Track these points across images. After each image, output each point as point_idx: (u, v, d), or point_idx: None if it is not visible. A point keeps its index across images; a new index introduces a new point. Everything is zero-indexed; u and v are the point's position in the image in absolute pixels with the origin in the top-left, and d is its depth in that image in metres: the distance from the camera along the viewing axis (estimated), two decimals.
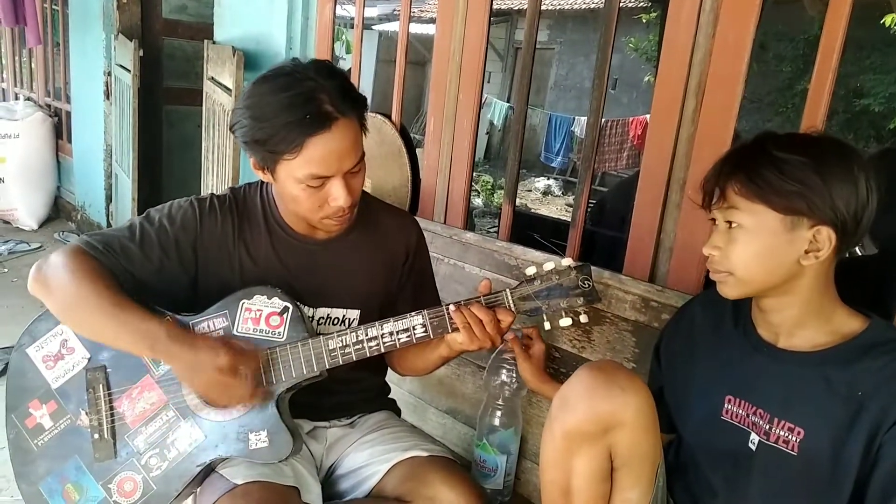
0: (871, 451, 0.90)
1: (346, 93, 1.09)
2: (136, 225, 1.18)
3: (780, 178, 0.90)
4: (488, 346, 1.13)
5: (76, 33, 4.26)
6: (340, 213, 1.14)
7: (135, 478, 1.13)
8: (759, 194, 0.92)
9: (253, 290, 1.15)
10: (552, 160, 9.54)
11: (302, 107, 1.05)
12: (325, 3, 2.36)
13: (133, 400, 1.14)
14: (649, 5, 7.31)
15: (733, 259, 0.96)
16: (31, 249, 4.12)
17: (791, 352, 0.99)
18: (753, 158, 0.94)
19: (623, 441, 0.99)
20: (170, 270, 1.17)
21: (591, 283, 1.13)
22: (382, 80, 9.76)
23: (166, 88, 4.17)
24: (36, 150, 4.59)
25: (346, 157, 1.09)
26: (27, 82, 5.31)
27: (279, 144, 1.06)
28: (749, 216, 0.93)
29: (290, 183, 1.11)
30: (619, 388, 0.98)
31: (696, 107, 1.43)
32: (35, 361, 1.16)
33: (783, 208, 0.91)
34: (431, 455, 1.24)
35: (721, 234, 0.98)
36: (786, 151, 0.91)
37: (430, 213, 2.04)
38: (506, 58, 11.84)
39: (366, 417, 1.38)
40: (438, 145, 2.00)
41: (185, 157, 4.11)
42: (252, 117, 1.08)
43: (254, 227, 1.23)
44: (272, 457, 1.12)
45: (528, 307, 1.13)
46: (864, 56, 6.20)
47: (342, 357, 1.13)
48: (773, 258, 0.93)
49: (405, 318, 1.14)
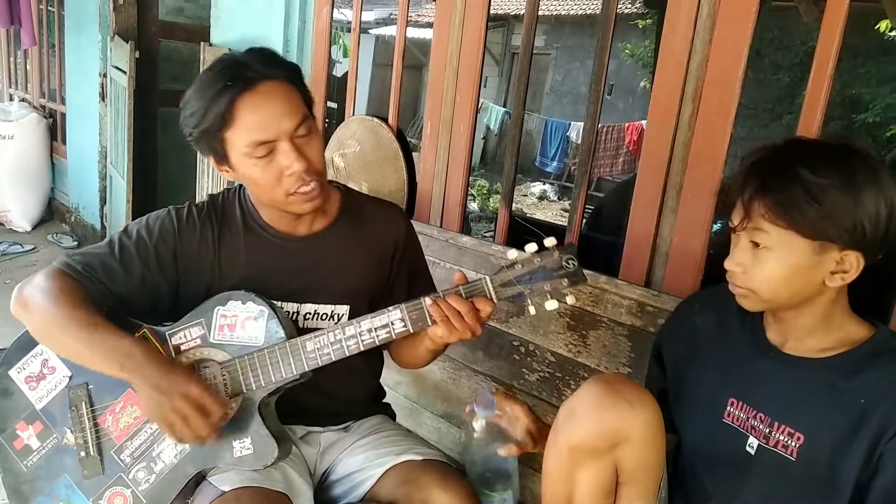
0: (871, 460, 0.89)
1: (269, 58, 1.12)
2: (114, 240, 1.18)
3: (812, 207, 0.87)
4: (468, 336, 1.09)
5: (72, 34, 4.25)
6: (302, 184, 1.11)
7: (124, 493, 1.13)
8: (790, 222, 0.89)
9: (227, 295, 1.14)
10: (548, 165, 9.55)
11: (223, 76, 1.08)
12: (322, 6, 2.36)
13: (116, 415, 1.14)
14: (646, 11, 7.34)
15: (758, 279, 0.94)
16: (25, 251, 4.10)
17: (797, 357, 0.98)
18: (783, 181, 0.89)
19: (629, 456, 0.98)
20: (152, 282, 1.17)
21: (576, 262, 1.07)
22: (379, 84, 9.77)
23: (162, 90, 4.16)
24: (30, 151, 4.57)
25: (283, 117, 1.09)
26: (22, 83, 5.29)
27: (213, 119, 1.08)
28: (777, 240, 0.90)
29: (242, 163, 1.11)
30: (627, 402, 0.96)
31: (693, 112, 1.43)
32: (18, 383, 1.16)
33: (813, 235, 0.89)
34: (426, 459, 1.23)
35: (744, 251, 0.95)
36: (817, 174, 0.88)
37: (427, 217, 2.04)
38: (502, 63, 11.87)
39: (360, 422, 1.37)
40: (435, 149, 2.00)
41: (180, 160, 4.09)
42: (186, 111, 1.11)
43: (233, 232, 1.23)
44: (257, 463, 1.10)
45: (510, 293, 1.09)
46: (859, 64, 6.25)
47: (321, 358, 1.11)
48: (799, 280, 0.92)
49: (383, 313, 1.11)
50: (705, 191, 1.43)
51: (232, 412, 1.10)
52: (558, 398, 1.67)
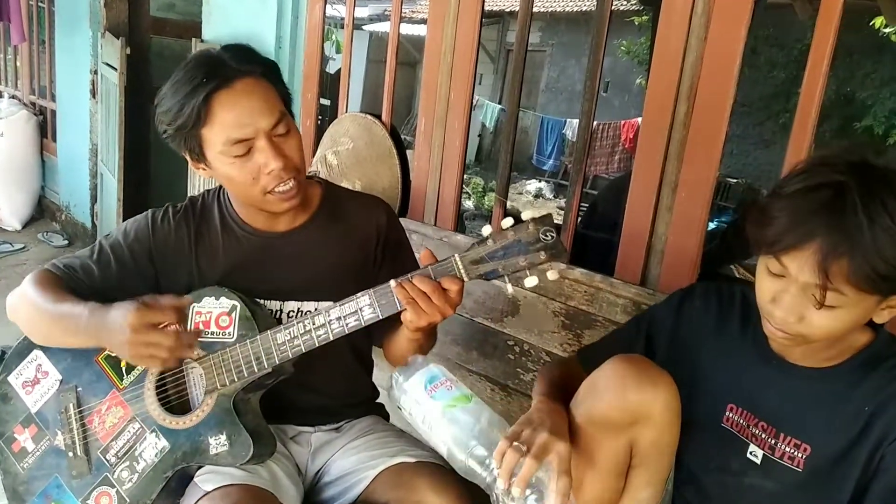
0: (872, 462, 0.89)
1: (246, 54, 1.12)
2: (95, 245, 1.23)
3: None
4: (438, 319, 1.04)
5: (62, 31, 4.21)
6: (279, 181, 1.10)
7: (109, 492, 1.15)
8: (876, 286, 0.80)
9: (201, 292, 1.15)
10: (544, 163, 9.54)
11: (199, 70, 1.07)
12: (315, 2, 2.34)
13: (102, 416, 1.16)
14: (641, 8, 7.34)
15: (817, 331, 0.86)
16: (15, 250, 4.06)
17: (802, 367, 0.96)
18: (872, 239, 0.77)
19: (646, 436, 0.97)
20: (130, 283, 1.19)
21: (554, 234, 0.98)
22: (373, 80, 9.73)
23: (154, 87, 4.11)
24: (20, 148, 4.53)
25: (260, 114, 1.08)
26: (11, 80, 5.24)
27: (189, 117, 1.07)
28: (852, 300, 0.82)
29: (219, 162, 1.11)
30: (650, 380, 0.95)
31: (688, 110, 1.42)
32: (16, 388, 1.21)
33: (891, 292, 0.83)
34: (419, 461, 1.21)
35: (803, 301, 0.84)
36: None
37: (421, 214, 2.02)
38: (497, 60, 11.85)
39: (353, 423, 1.35)
40: (429, 147, 1.98)
41: (171, 157, 4.00)
42: (162, 110, 1.11)
43: (211, 230, 1.23)
44: (234, 460, 1.09)
45: (483, 270, 1.00)
46: (854, 63, 6.26)
47: (291, 350, 1.09)
48: (855, 327, 0.89)
49: (352, 300, 1.07)
50: (701, 189, 1.42)
51: (186, 303, 1.11)
52: None
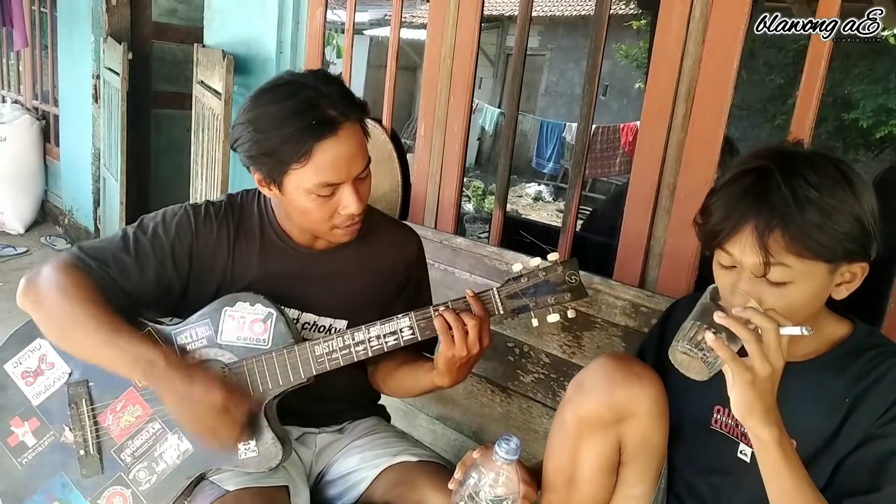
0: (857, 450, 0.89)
1: (347, 97, 1.10)
2: (129, 235, 1.16)
3: (831, 229, 0.81)
4: (464, 354, 1.07)
5: (64, 36, 4.23)
6: (350, 222, 1.13)
7: (123, 493, 1.12)
8: (817, 252, 0.82)
9: (236, 297, 1.14)
10: (543, 166, 9.56)
11: (307, 113, 1.05)
12: (315, 7, 2.36)
13: (117, 413, 1.13)
14: (640, 12, 7.35)
15: (779, 311, 0.86)
16: (18, 254, 4.08)
17: None
18: (798, 206, 0.82)
19: (634, 432, 0.98)
20: (165, 280, 1.16)
21: (578, 278, 1.11)
22: (373, 85, 9.77)
23: (155, 92, 4.14)
24: (23, 153, 4.55)
25: (355, 161, 1.09)
26: (14, 85, 5.27)
27: (288, 154, 1.05)
28: (800, 272, 0.84)
29: (300, 195, 1.09)
30: (636, 376, 0.97)
31: (686, 113, 1.44)
32: (14, 378, 1.14)
33: (834, 258, 0.84)
34: (421, 460, 1.23)
35: (757, 285, 0.86)
36: (824, 192, 0.82)
37: (421, 218, 2.04)
38: (497, 64, 11.88)
39: (355, 423, 1.37)
40: (429, 151, 1.99)
41: (173, 161, 4.08)
42: (256, 130, 1.07)
43: (249, 236, 1.22)
44: (262, 466, 1.10)
45: (516, 305, 1.11)
46: (850, 64, 6.28)
47: (329, 363, 1.12)
48: (816, 302, 0.90)
49: (392, 320, 1.12)
50: (699, 191, 1.43)
51: (258, 409, 1.10)
52: (553, 399, 1.67)
